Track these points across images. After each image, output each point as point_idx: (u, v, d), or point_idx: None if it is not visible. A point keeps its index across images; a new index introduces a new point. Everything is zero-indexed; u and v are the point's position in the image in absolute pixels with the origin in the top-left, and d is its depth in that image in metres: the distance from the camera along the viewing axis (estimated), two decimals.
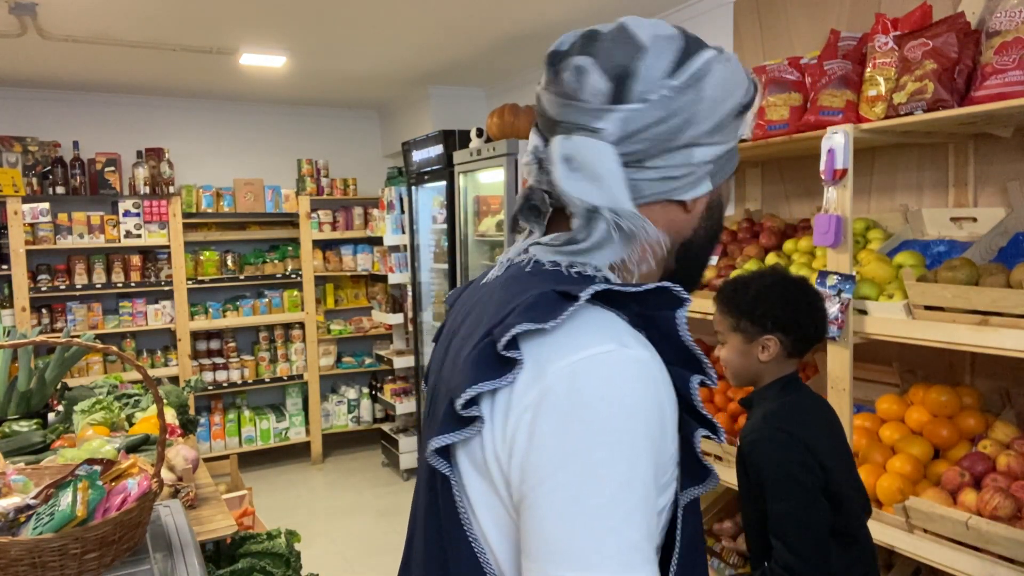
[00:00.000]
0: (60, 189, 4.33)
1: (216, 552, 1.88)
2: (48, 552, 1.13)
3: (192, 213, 4.68)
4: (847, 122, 1.84)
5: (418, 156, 4.45)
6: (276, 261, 5.03)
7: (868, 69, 1.89)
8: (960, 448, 1.83)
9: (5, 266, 4.14)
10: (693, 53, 0.75)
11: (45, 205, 4.17)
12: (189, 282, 4.69)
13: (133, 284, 4.54)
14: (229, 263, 4.88)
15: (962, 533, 1.60)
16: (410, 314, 4.78)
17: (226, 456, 3.55)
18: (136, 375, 3.84)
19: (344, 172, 5.34)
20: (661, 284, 0.71)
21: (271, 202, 4.92)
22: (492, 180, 3.92)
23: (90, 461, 1.32)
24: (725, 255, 2.47)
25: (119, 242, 4.44)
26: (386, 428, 5.00)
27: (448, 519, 0.71)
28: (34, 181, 4.26)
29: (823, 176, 1.83)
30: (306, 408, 5.17)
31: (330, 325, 5.27)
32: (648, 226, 0.73)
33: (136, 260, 4.56)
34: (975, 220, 1.96)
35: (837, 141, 1.79)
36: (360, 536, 3.92)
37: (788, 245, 2.29)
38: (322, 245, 5.20)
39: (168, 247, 4.60)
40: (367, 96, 5.01)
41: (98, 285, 4.43)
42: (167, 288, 4.63)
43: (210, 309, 4.83)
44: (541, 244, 0.77)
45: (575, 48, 0.76)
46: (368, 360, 5.36)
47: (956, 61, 1.68)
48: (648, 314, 0.72)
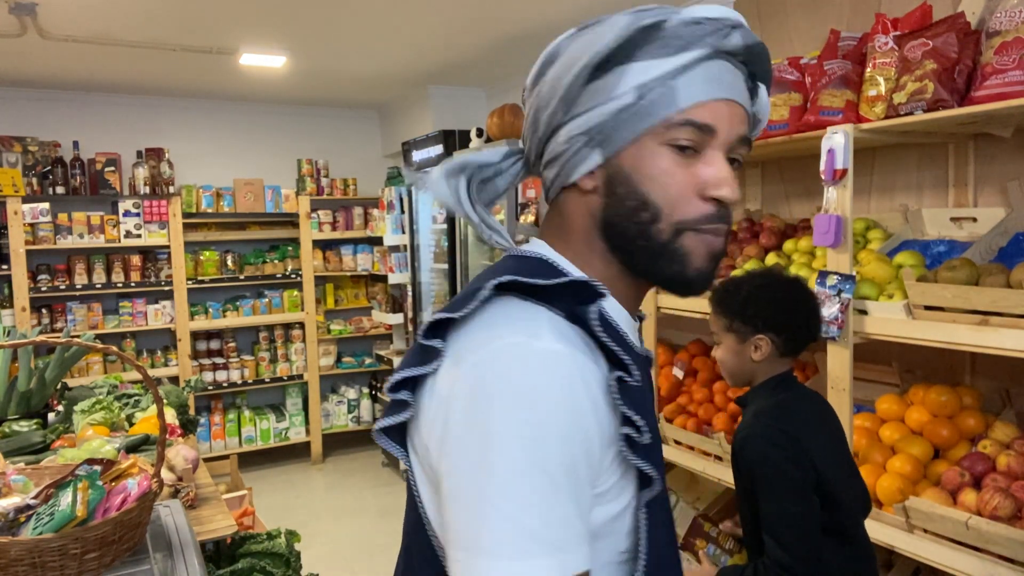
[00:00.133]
0: (60, 189, 4.33)
1: (216, 552, 1.88)
2: (48, 552, 1.13)
3: (192, 213, 4.68)
4: (847, 122, 1.84)
5: (418, 156, 4.45)
6: (276, 261, 5.03)
7: (868, 69, 1.89)
8: (960, 448, 1.83)
9: (5, 266, 4.14)
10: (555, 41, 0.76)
11: (45, 205, 4.17)
12: (189, 282, 4.69)
13: (133, 284, 4.54)
14: (229, 263, 4.88)
15: (962, 533, 1.60)
16: (410, 314, 4.78)
17: (226, 456, 3.55)
18: (136, 375, 3.84)
19: (344, 172, 5.34)
20: (574, 279, 0.69)
21: (271, 202, 4.92)
22: None
23: (90, 461, 1.32)
24: (725, 255, 2.47)
25: (119, 242, 4.44)
26: None
27: (409, 503, 0.75)
28: (34, 181, 4.26)
29: (823, 176, 1.83)
30: (306, 408, 5.17)
31: (330, 325, 5.27)
32: (485, 225, 0.77)
33: (136, 260, 4.56)
34: (975, 220, 1.96)
35: (837, 141, 1.79)
36: (360, 536, 3.92)
37: (788, 245, 2.29)
38: (322, 245, 5.20)
39: (168, 247, 4.60)
40: (367, 96, 5.01)
41: (98, 285, 4.43)
42: (167, 288, 4.63)
43: (210, 309, 4.83)
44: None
45: None
46: (368, 360, 5.36)
47: (956, 61, 1.68)
48: (573, 309, 0.70)
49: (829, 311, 1.82)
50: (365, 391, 5.34)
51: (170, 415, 2.28)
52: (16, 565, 1.12)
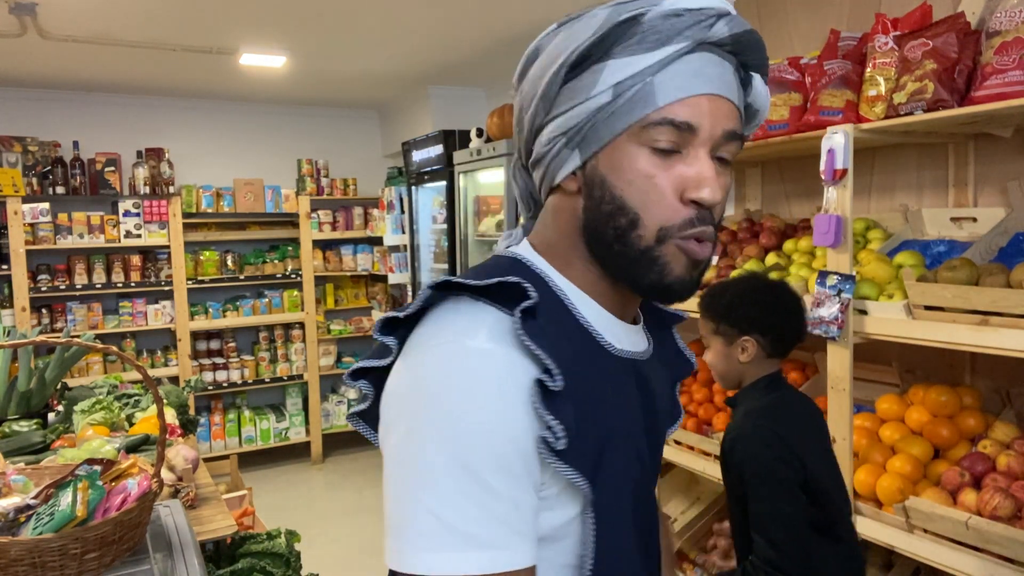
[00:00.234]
0: (60, 189, 4.33)
1: (216, 552, 1.88)
2: (48, 552, 1.13)
3: (192, 213, 4.68)
4: (847, 122, 1.84)
5: (418, 156, 4.45)
6: (276, 261, 5.03)
7: (868, 69, 1.89)
8: (960, 448, 1.83)
9: (5, 266, 4.14)
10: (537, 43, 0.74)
11: (45, 205, 4.17)
12: (189, 282, 4.69)
13: (133, 284, 4.54)
14: (229, 263, 4.88)
15: (962, 533, 1.60)
16: None
17: (226, 456, 3.55)
18: (136, 375, 3.84)
19: (344, 172, 5.34)
20: (501, 280, 0.67)
21: (271, 202, 4.92)
22: (492, 180, 3.91)
23: (90, 461, 1.32)
24: (725, 255, 2.47)
25: (119, 242, 4.44)
26: None
27: None
28: (34, 181, 4.26)
29: (823, 176, 1.83)
30: (306, 408, 5.17)
31: (330, 325, 5.27)
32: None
33: (136, 260, 4.56)
34: (975, 220, 1.96)
35: (837, 141, 1.79)
36: (360, 536, 3.92)
37: (788, 245, 2.29)
38: (322, 245, 5.20)
39: (168, 247, 4.60)
40: (367, 96, 5.01)
41: (98, 285, 4.43)
42: (167, 288, 4.63)
43: (210, 309, 4.83)
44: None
45: None
46: None
47: (956, 61, 1.68)
48: (507, 310, 0.68)
49: (829, 311, 1.82)
50: None
51: (170, 415, 2.28)
52: (16, 565, 1.12)
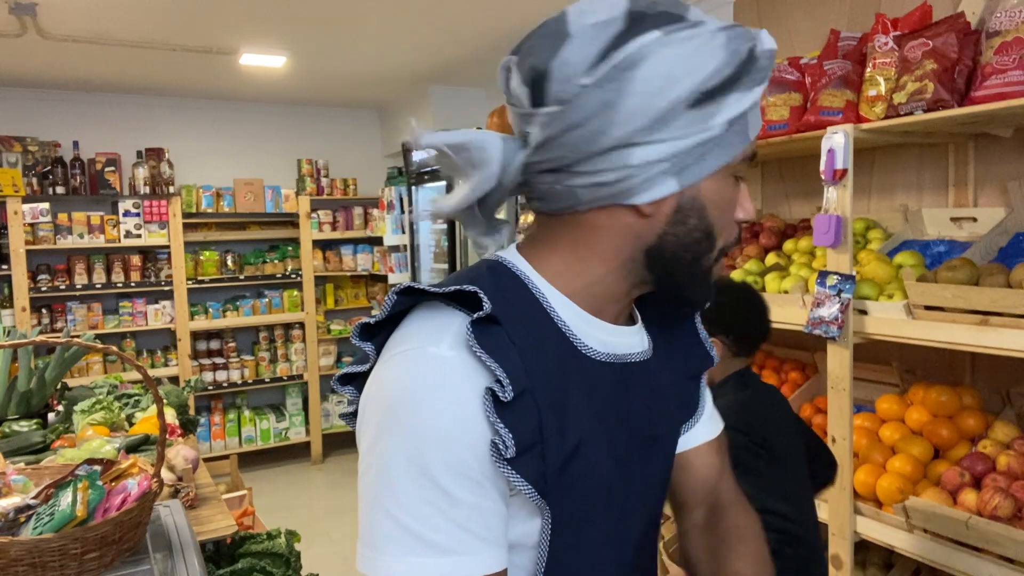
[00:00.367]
0: (60, 189, 4.33)
1: (216, 552, 1.88)
2: (48, 552, 1.13)
3: (192, 213, 4.68)
4: (847, 122, 1.84)
5: (418, 156, 4.45)
6: (276, 261, 5.03)
7: (868, 69, 1.89)
8: (960, 448, 1.83)
9: (5, 266, 4.14)
10: (630, 38, 0.63)
11: (45, 205, 4.17)
12: (189, 282, 4.69)
13: (133, 284, 4.54)
14: (229, 263, 4.88)
15: (962, 533, 1.60)
16: None
17: (226, 456, 3.55)
18: (136, 375, 3.83)
19: (344, 172, 5.34)
20: (459, 288, 0.67)
21: (271, 202, 4.92)
22: None
23: (90, 461, 1.32)
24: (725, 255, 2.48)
25: (119, 242, 4.44)
26: None
27: None
28: (34, 181, 4.26)
29: (823, 176, 1.83)
30: (306, 408, 5.17)
31: (330, 325, 5.27)
32: (470, 237, 0.76)
33: (136, 260, 4.56)
34: (975, 220, 1.96)
35: (837, 141, 1.79)
36: None
37: (788, 245, 2.29)
38: (322, 245, 5.20)
39: (168, 247, 4.60)
40: (367, 96, 5.01)
41: (98, 285, 4.43)
42: (167, 288, 4.63)
43: (210, 309, 4.83)
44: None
45: (516, 45, 0.70)
46: None
47: (956, 61, 1.68)
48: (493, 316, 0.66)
49: (829, 311, 1.82)
50: None
51: (170, 415, 2.28)
52: (16, 565, 1.12)
